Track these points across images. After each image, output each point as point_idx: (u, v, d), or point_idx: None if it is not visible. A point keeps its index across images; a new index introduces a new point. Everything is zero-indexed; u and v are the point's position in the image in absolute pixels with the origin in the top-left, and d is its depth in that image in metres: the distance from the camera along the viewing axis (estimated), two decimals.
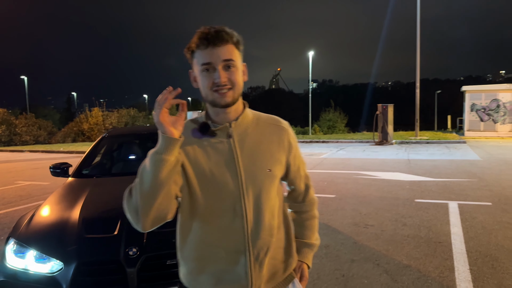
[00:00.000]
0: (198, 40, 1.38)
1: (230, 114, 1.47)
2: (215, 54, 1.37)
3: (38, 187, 10.04)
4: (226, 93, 1.39)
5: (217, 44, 1.37)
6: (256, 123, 1.54)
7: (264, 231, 1.47)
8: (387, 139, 19.33)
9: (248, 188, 1.44)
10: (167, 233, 2.83)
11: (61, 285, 2.53)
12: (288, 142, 1.57)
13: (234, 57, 1.40)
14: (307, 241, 1.70)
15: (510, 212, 6.11)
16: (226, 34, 1.38)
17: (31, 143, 33.29)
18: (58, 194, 3.66)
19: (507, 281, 3.75)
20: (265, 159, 1.49)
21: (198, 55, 1.39)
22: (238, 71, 1.42)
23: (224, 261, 1.44)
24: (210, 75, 1.38)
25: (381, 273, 3.99)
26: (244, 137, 1.48)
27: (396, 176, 9.78)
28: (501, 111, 22.23)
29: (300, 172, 1.67)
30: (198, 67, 1.40)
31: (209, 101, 1.43)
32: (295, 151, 1.61)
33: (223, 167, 1.43)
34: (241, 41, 1.44)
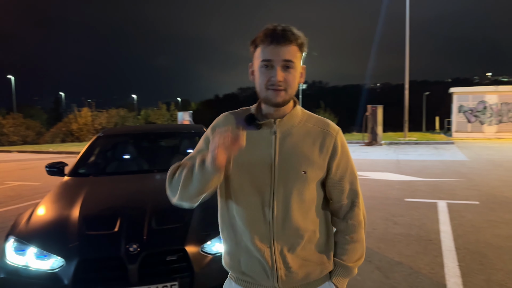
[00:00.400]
0: (263, 36, 1.39)
1: (279, 112, 1.48)
2: (277, 53, 1.38)
3: (28, 187, 9.98)
4: (279, 93, 1.41)
5: (281, 43, 1.38)
6: (303, 123, 1.53)
7: (290, 230, 1.47)
8: (377, 140, 19.53)
9: (279, 185, 1.46)
10: (167, 229, 2.91)
11: (63, 281, 2.57)
12: (332, 147, 1.51)
13: (294, 58, 1.41)
14: (343, 262, 1.57)
15: (497, 211, 6.26)
16: (292, 35, 1.39)
17: (19, 143, 32.93)
18: (56, 193, 3.69)
19: (495, 276, 3.87)
20: (302, 161, 1.47)
21: (261, 50, 1.41)
22: (296, 73, 1.44)
23: (253, 249, 1.48)
24: (267, 72, 1.40)
25: (373, 270, 4.08)
26: (286, 136, 1.48)
27: (386, 176, 9.93)
28: (487, 113, 22.61)
29: (343, 184, 1.56)
30: (258, 62, 1.42)
31: (262, 97, 1.46)
32: (340, 160, 1.54)
33: (260, 160, 1.46)
34: (305, 43, 1.44)
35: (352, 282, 3.80)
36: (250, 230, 1.48)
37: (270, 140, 1.48)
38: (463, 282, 3.76)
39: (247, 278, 1.53)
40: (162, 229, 2.89)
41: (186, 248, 2.73)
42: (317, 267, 1.54)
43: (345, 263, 1.57)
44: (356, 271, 1.60)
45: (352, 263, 1.57)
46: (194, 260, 2.71)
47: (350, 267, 1.57)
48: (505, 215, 6.02)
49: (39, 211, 3.26)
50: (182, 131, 5.17)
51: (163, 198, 3.44)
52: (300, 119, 1.53)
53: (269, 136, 1.48)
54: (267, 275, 1.49)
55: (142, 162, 4.63)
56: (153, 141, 5.26)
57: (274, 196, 1.46)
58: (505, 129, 22.33)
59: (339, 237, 1.59)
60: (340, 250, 1.58)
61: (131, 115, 42.11)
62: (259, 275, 1.50)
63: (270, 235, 1.47)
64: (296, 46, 1.41)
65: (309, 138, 1.50)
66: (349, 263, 1.57)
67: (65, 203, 3.36)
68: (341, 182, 1.56)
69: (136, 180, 4.05)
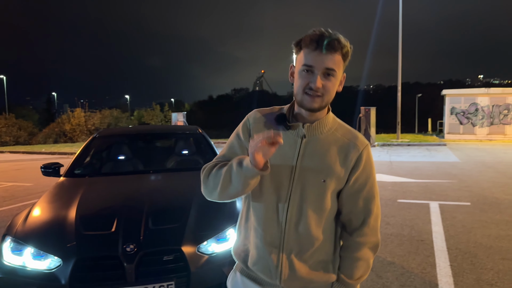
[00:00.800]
0: (309, 41, 1.38)
1: (311, 117, 1.48)
2: (320, 60, 1.37)
3: (21, 188, 9.93)
4: (315, 99, 1.41)
5: (326, 50, 1.37)
6: (332, 132, 1.51)
7: (301, 235, 1.48)
8: (370, 141, 19.63)
9: (296, 190, 1.47)
10: (164, 230, 2.94)
11: (60, 280, 2.60)
12: (355, 160, 1.49)
13: (337, 67, 1.40)
14: (344, 278, 1.56)
15: (488, 212, 6.36)
16: (338, 44, 1.38)
17: (11, 144, 32.70)
18: (52, 193, 3.70)
19: (485, 276, 3.94)
20: (323, 169, 1.46)
21: (304, 54, 1.40)
22: (336, 81, 1.43)
23: (261, 247, 1.52)
24: (307, 77, 1.40)
25: None
26: (312, 142, 1.48)
27: (379, 177, 10.00)
28: (479, 115, 22.83)
29: (358, 200, 1.52)
30: (300, 65, 1.42)
31: (297, 100, 1.46)
32: (361, 174, 1.50)
33: (282, 162, 1.47)
34: (350, 52, 1.43)
35: None
36: (262, 228, 1.51)
37: (296, 142, 1.48)
38: (455, 282, 3.83)
39: (252, 273, 1.58)
40: (159, 229, 2.92)
41: (182, 248, 2.76)
42: (322, 276, 1.55)
43: (346, 280, 1.56)
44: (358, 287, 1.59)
45: (353, 280, 1.56)
46: (190, 260, 2.74)
47: (351, 284, 1.56)
48: (495, 215, 6.12)
49: (36, 212, 3.28)
50: (177, 132, 5.21)
51: (159, 198, 3.52)
52: (330, 127, 1.52)
53: (296, 139, 1.49)
54: (271, 274, 1.53)
55: (138, 163, 4.66)
56: (148, 142, 5.29)
57: (290, 198, 1.48)
58: (496, 131, 22.57)
59: (344, 252, 1.58)
60: (343, 266, 1.57)
61: (124, 115, 41.98)
62: (263, 272, 1.54)
63: (281, 236, 1.49)
64: (341, 55, 1.40)
65: (334, 148, 1.49)
66: (350, 280, 1.56)
67: (62, 204, 3.38)
68: (355, 196, 1.52)
69: (132, 181, 4.07)
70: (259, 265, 1.55)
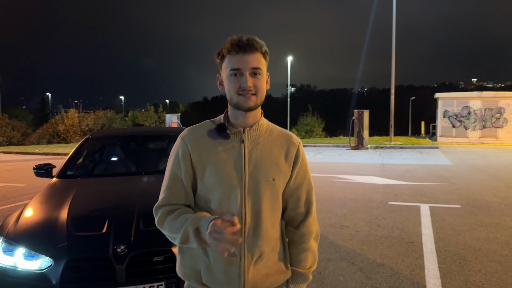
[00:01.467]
0: (230, 46, 1.46)
1: (248, 120, 1.55)
2: (245, 61, 1.46)
3: (13, 188, 9.89)
4: (250, 97, 1.48)
5: (248, 52, 1.45)
6: (268, 133, 1.60)
7: (262, 239, 1.53)
8: (363, 143, 19.75)
9: (250, 193, 1.51)
10: (154, 231, 2.95)
11: (51, 281, 2.62)
12: (295, 156, 1.61)
13: (261, 65, 1.49)
14: (299, 270, 1.67)
15: (478, 214, 6.43)
16: (257, 43, 1.47)
17: (4, 144, 32.49)
18: (44, 194, 3.72)
19: (473, 277, 4.00)
20: (271, 169, 1.54)
21: (228, 60, 1.48)
22: (263, 79, 1.52)
23: (220, 260, 1.51)
24: (237, 80, 1.48)
25: (355, 271, 4.19)
26: (254, 145, 1.55)
27: (371, 180, 10.08)
28: (472, 118, 23.02)
29: (301, 193, 1.64)
30: (227, 71, 1.50)
31: (233, 104, 1.52)
32: (300, 168, 1.63)
33: (230, 169, 1.51)
34: (268, 52, 1.53)
35: (334, 282, 3.91)
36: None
37: (239, 149, 1.54)
38: (442, 283, 3.88)
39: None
40: (149, 230, 2.94)
41: (173, 249, 2.79)
42: (280, 275, 1.63)
43: (299, 271, 1.67)
44: (310, 277, 1.71)
45: (305, 270, 1.68)
46: None
47: (305, 274, 1.68)
48: (485, 218, 6.19)
49: (28, 212, 3.30)
50: (170, 134, 5.23)
51: (150, 200, 3.51)
52: (266, 129, 1.61)
53: (239, 145, 1.54)
54: (232, 285, 1.52)
55: (130, 164, 4.68)
56: (141, 144, 5.31)
57: (245, 205, 1.51)
58: (488, 134, 22.76)
59: (292, 247, 1.68)
60: (294, 260, 1.67)
61: (118, 116, 41.80)
62: (225, 285, 1.53)
63: (241, 246, 1.51)
64: (261, 54, 1.50)
65: (275, 147, 1.59)
66: (304, 271, 1.67)
67: (54, 204, 3.40)
68: (298, 190, 1.64)
69: (124, 182, 4.09)
70: (218, 278, 1.53)
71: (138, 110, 56.03)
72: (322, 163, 14.14)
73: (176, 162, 1.57)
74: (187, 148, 1.55)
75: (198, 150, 1.53)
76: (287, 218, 1.67)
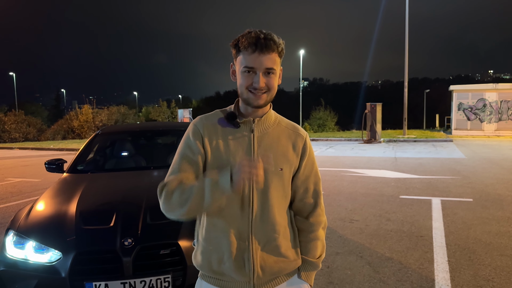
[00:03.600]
0: (247, 44, 1.46)
1: (257, 112, 1.58)
2: (259, 61, 1.46)
3: (28, 184, 10.09)
4: (260, 96, 1.51)
5: (264, 52, 1.46)
6: (277, 124, 1.64)
7: (268, 225, 1.56)
8: (375, 137, 19.61)
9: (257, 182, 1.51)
10: (161, 224, 3.01)
11: (60, 273, 2.68)
12: (302, 148, 1.64)
13: (275, 65, 1.50)
14: (309, 259, 1.69)
15: (490, 208, 6.36)
16: (274, 44, 1.47)
17: (20, 140, 33.08)
18: (55, 189, 3.79)
19: (482, 271, 3.97)
20: (279, 159, 1.57)
21: (244, 56, 1.48)
22: (276, 77, 1.53)
23: (230, 245, 1.54)
24: (250, 77, 1.49)
25: (363, 265, 4.19)
26: (263, 135, 1.58)
27: (382, 174, 10.02)
28: (487, 111, 22.67)
29: (309, 184, 1.68)
30: (240, 67, 1.50)
31: (243, 99, 1.55)
32: (308, 160, 1.66)
33: (239, 157, 1.53)
34: (284, 49, 1.53)
35: (342, 276, 3.92)
36: (228, 227, 1.54)
37: (249, 138, 1.57)
38: (451, 277, 3.86)
39: (218, 276, 1.59)
40: (156, 224, 2.99)
41: (179, 242, 2.83)
42: (290, 262, 1.64)
43: (311, 259, 1.69)
44: (320, 265, 1.73)
45: (315, 259, 1.70)
46: (187, 254, 2.81)
47: (315, 263, 1.70)
48: (497, 212, 6.12)
49: (38, 207, 3.37)
50: (179, 129, 5.27)
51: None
52: (274, 120, 1.64)
53: (248, 134, 1.57)
54: (242, 271, 1.55)
55: (139, 159, 4.73)
56: (150, 139, 5.36)
57: (253, 192, 1.54)
58: (504, 127, 22.40)
59: (302, 236, 1.70)
60: (304, 248, 1.70)
61: (131, 112, 42.18)
62: (233, 271, 1.55)
63: (249, 231, 1.55)
64: (277, 53, 1.50)
65: (283, 138, 1.62)
66: (314, 259, 1.70)
67: (63, 199, 3.46)
68: (307, 181, 1.67)
69: (133, 177, 4.15)
70: (228, 265, 1.55)
71: (151, 105, 56.41)
72: (334, 157, 14.09)
73: (188, 145, 1.58)
74: (199, 131, 1.58)
75: (209, 135, 1.56)
76: (296, 209, 1.70)
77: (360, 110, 22.93)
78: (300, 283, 1.69)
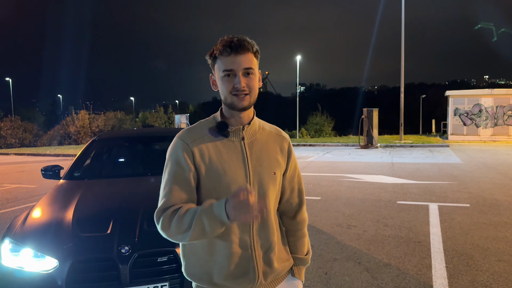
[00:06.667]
0: (222, 48, 1.48)
1: (243, 118, 1.59)
2: (237, 62, 1.48)
3: (24, 190, 10.03)
4: (244, 97, 1.51)
5: (239, 52, 1.48)
6: (262, 128, 1.66)
7: (268, 230, 1.59)
8: (372, 142, 19.65)
9: (255, 187, 1.55)
10: (158, 232, 2.98)
11: (56, 281, 2.66)
12: (288, 150, 1.69)
13: (253, 65, 1.52)
14: (299, 256, 1.76)
15: (487, 213, 6.37)
16: (248, 44, 1.49)
17: (17, 146, 32.95)
18: (51, 196, 3.77)
19: (480, 277, 3.96)
20: (271, 163, 1.61)
21: (221, 61, 1.50)
22: (256, 78, 1.54)
23: (233, 256, 1.53)
24: (230, 80, 1.50)
25: (362, 271, 4.17)
26: (253, 141, 1.60)
27: (380, 179, 10.03)
28: (483, 116, 22.79)
29: (294, 184, 1.73)
30: (219, 72, 1.52)
31: (227, 104, 1.55)
32: (292, 161, 1.71)
33: (234, 166, 1.54)
34: (259, 51, 1.56)
35: (340, 282, 3.91)
36: (231, 238, 1.52)
37: (240, 146, 1.58)
38: (449, 283, 3.85)
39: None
40: (153, 231, 2.95)
41: (176, 250, 2.81)
42: (286, 262, 1.70)
43: (301, 257, 1.77)
44: (309, 261, 1.81)
45: (304, 255, 1.79)
46: None
47: (305, 259, 1.79)
48: (494, 217, 6.13)
49: (34, 214, 3.35)
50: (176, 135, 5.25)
51: (155, 201, 3.54)
52: (259, 126, 1.66)
53: (239, 142, 1.58)
54: (246, 281, 1.54)
55: (136, 166, 4.72)
56: (147, 145, 5.35)
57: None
58: (500, 132, 22.53)
59: (290, 235, 1.77)
60: (293, 247, 1.77)
61: (128, 117, 42.12)
62: (236, 282, 1.54)
63: (251, 239, 1.55)
64: (252, 54, 1.52)
65: (271, 142, 1.66)
66: (303, 256, 1.78)
67: (60, 206, 3.44)
68: (292, 182, 1.73)
69: (130, 183, 4.12)
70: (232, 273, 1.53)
71: (148, 111, 56.39)
72: (331, 162, 14.10)
73: (178, 162, 1.52)
74: (189, 147, 1.53)
75: (200, 150, 1.54)
76: (282, 209, 1.74)
77: (357, 116, 22.95)
78: (294, 280, 1.75)
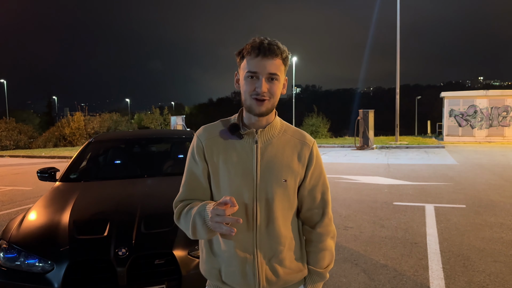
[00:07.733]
0: (251, 48, 1.46)
1: (261, 122, 1.56)
2: (263, 65, 1.45)
3: (20, 192, 9.97)
4: (263, 103, 1.48)
5: (267, 56, 1.44)
6: (282, 133, 1.60)
7: (273, 238, 1.54)
8: (368, 144, 19.68)
9: (261, 193, 1.52)
10: (155, 234, 2.99)
11: (53, 284, 2.64)
12: (308, 158, 1.60)
13: (279, 71, 1.48)
14: (316, 269, 1.67)
15: (483, 214, 6.39)
16: (278, 49, 1.46)
17: (11, 148, 32.75)
18: (47, 198, 3.75)
19: (477, 278, 3.98)
20: (282, 170, 1.54)
21: (247, 61, 1.48)
22: (280, 84, 1.51)
23: (235, 258, 1.53)
24: (253, 82, 1.47)
25: (359, 272, 4.18)
26: (267, 145, 1.55)
27: (376, 180, 10.05)
28: (478, 117, 22.87)
29: (316, 194, 1.63)
30: (244, 72, 1.49)
31: (246, 106, 1.53)
32: (315, 169, 1.62)
33: (242, 169, 1.53)
34: (289, 57, 1.52)
35: (337, 284, 3.90)
36: (233, 240, 1.52)
37: (252, 149, 1.54)
38: (446, 284, 3.86)
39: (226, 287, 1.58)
40: (150, 233, 2.96)
41: (174, 252, 2.81)
42: (296, 274, 1.63)
43: (317, 270, 1.66)
44: (327, 275, 1.70)
45: (323, 269, 1.67)
46: (182, 264, 2.78)
47: (322, 273, 1.67)
48: (490, 218, 6.15)
49: (30, 216, 3.33)
50: (173, 137, 5.25)
51: (152, 202, 3.56)
52: (280, 130, 1.61)
53: (251, 146, 1.55)
54: (247, 284, 1.54)
55: (133, 167, 4.70)
56: (144, 147, 5.33)
57: (257, 204, 1.52)
58: (495, 133, 22.61)
59: (310, 246, 1.67)
60: (312, 259, 1.67)
61: (124, 119, 41.97)
62: (240, 284, 1.55)
63: (253, 244, 1.53)
64: (281, 60, 1.48)
65: (288, 148, 1.58)
66: (321, 270, 1.67)
67: (56, 208, 3.42)
68: (314, 191, 1.63)
69: (127, 185, 4.11)
70: (234, 279, 1.55)
71: (144, 112, 56.26)
72: (327, 163, 14.10)
73: (192, 158, 1.61)
74: (202, 145, 1.58)
75: (211, 148, 1.56)
76: (303, 218, 1.67)
77: (353, 117, 23.01)
78: None
